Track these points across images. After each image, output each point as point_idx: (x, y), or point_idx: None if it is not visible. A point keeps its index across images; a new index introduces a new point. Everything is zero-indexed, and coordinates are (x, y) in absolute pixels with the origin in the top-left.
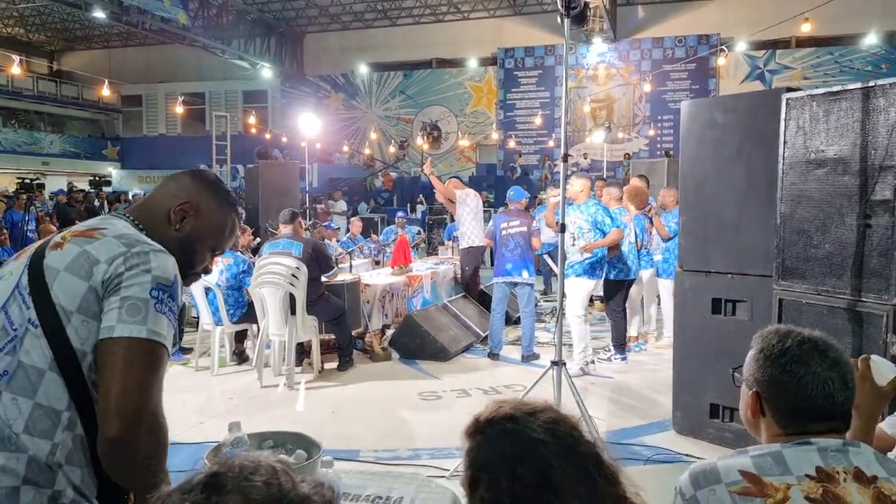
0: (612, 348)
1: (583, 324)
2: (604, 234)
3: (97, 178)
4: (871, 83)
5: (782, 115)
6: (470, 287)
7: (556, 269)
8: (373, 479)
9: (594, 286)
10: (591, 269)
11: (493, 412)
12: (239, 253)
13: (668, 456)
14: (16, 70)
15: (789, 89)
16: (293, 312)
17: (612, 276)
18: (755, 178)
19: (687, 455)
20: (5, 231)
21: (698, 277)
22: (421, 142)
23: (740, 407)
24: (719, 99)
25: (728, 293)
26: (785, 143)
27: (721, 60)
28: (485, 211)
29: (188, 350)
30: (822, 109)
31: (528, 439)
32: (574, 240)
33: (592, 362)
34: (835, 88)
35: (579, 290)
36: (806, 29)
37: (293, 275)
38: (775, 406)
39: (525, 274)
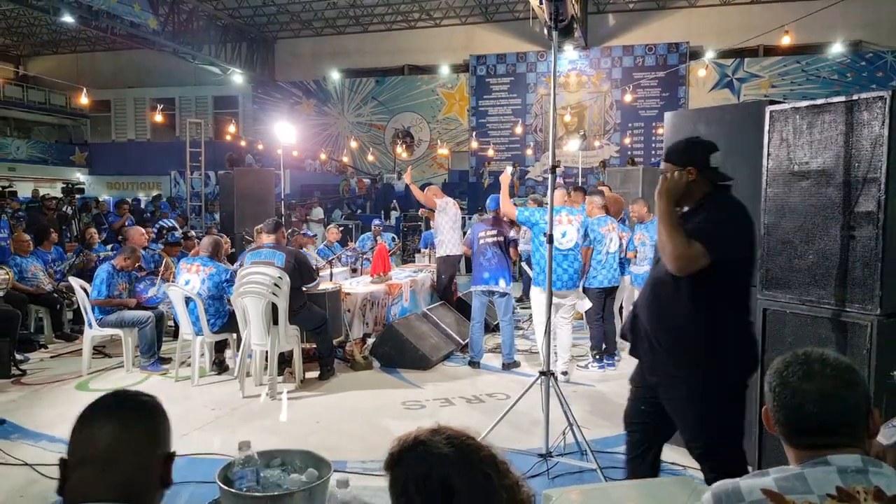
0: (589, 356)
1: (540, 329)
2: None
3: (70, 185)
4: (855, 97)
5: (766, 128)
6: (447, 295)
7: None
8: (380, 494)
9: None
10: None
11: (404, 442)
12: (221, 263)
13: None
14: None
15: (772, 101)
16: (275, 322)
17: (588, 284)
18: (738, 189)
19: (672, 463)
20: None
21: None
22: (400, 150)
23: None
24: (702, 110)
25: None
26: (769, 154)
27: (702, 72)
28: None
29: (167, 360)
30: (806, 122)
31: (435, 455)
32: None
33: (565, 372)
34: (818, 101)
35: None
36: (786, 41)
37: (276, 284)
38: (776, 419)
39: (502, 283)
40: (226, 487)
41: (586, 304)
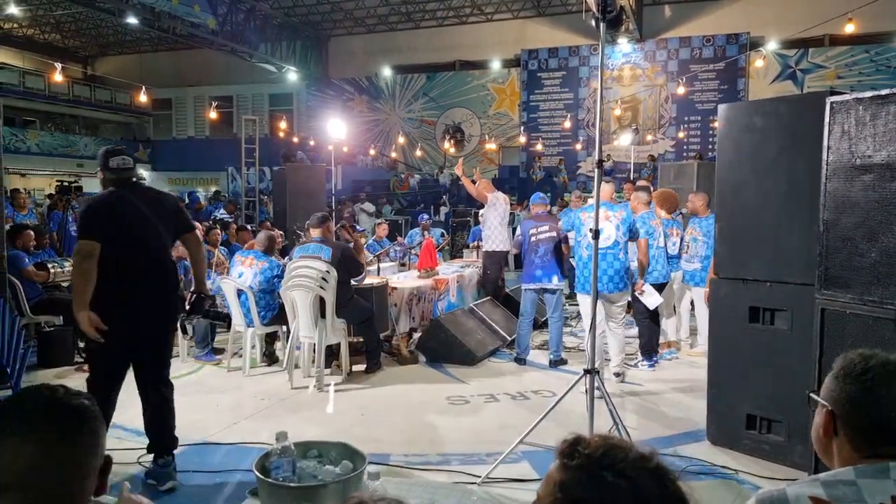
0: (639, 354)
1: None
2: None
3: None
4: None
5: (826, 120)
6: (495, 291)
7: None
8: (414, 489)
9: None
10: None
11: (605, 455)
12: (273, 258)
13: (703, 467)
14: (58, 77)
15: (833, 92)
16: (323, 315)
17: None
18: (796, 184)
19: (723, 467)
20: (55, 234)
21: (735, 285)
22: (447, 146)
23: (812, 428)
24: (758, 102)
25: (766, 302)
26: (829, 147)
27: (759, 63)
28: (510, 214)
29: (220, 351)
30: (869, 113)
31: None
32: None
33: (618, 374)
34: (883, 92)
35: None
36: (849, 29)
37: (323, 278)
38: (850, 425)
39: (555, 280)
40: (262, 477)
41: (656, 299)
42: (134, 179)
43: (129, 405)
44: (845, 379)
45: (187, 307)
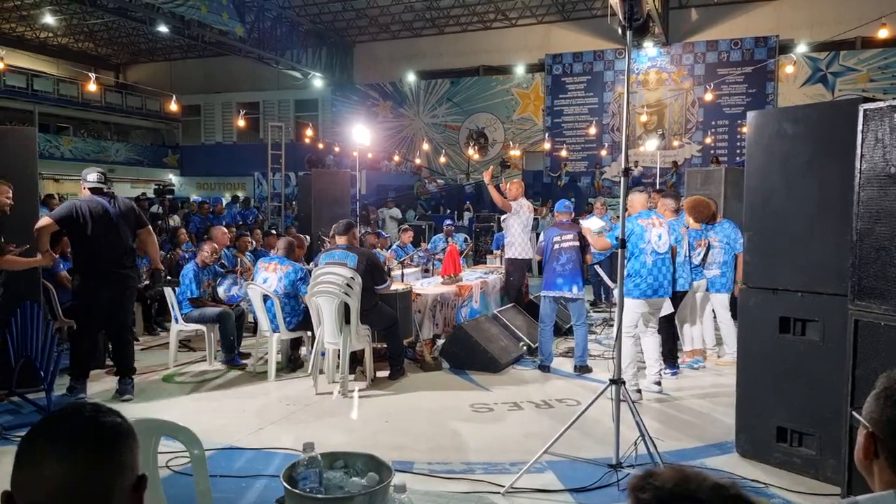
0: (661, 362)
1: (628, 341)
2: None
3: (161, 186)
4: None
5: (859, 127)
6: (518, 297)
7: (608, 281)
8: (439, 501)
9: (643, 304)
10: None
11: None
12: (296, 262)
13: (733, 481)
14: (92, 87)
15: (866, 99)
16: (347, 321)
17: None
18: (828, 193)
19: (753, 480)
20: None
21: (765, 295)
22: (471, 151)
23: (855, 448)
24: (788, 109)
25: (798, 312)
26: (862, 156)
27: (789, 69)
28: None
29: (246, 356)
30: None
31: None
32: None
33: (658, 383)
34: None
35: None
36: (883, 34)
37: (348, 284)
38: (889, 449)
39: (575, 289)
40: (290, 487)
41: (668, 306)
42: (105, 189)
43: (164, 409)
44: (886, 401)
45: (146, 281)
